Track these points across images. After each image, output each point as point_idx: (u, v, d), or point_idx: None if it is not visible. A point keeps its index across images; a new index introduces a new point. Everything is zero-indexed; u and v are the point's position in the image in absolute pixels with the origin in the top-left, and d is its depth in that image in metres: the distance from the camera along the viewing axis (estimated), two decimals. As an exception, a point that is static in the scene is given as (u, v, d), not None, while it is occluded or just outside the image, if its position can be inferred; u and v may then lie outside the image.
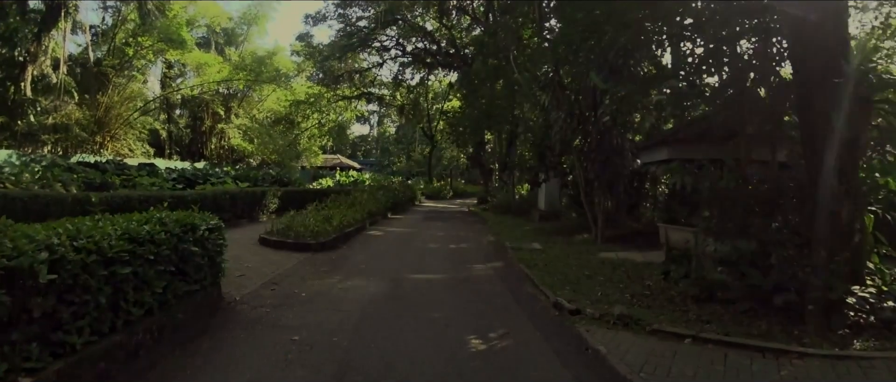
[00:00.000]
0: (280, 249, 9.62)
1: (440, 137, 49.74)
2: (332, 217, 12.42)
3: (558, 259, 9.71)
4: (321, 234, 10.42)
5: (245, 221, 13.98)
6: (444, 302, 6.29)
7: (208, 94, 44.07)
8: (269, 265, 8.13)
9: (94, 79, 35.43)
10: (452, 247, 11.56)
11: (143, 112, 39.55)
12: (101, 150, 35.33)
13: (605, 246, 11.76)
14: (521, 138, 24.50)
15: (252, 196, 14.47)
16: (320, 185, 34.19)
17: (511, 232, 14.49)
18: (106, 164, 21.13)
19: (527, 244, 12.08)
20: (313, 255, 9.31)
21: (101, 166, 20.28)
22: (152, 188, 15.48)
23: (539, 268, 8.71)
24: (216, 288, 5.72)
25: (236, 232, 11.76)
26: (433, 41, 34.60)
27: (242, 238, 10.83)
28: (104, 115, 35.64)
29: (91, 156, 27.28)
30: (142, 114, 39.36)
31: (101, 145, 35.96)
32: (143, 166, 21.18)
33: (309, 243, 9.74)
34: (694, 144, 9.31)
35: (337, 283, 7.08)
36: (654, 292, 6.99)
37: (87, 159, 23.76)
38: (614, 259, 9.74)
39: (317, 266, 8.27)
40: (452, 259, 9.71)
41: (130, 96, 37.68)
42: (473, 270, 8.68)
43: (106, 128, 36.26)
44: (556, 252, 10.69)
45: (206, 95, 44.50)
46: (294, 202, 17.26)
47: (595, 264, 9.26)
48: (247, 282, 6.87)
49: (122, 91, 36.52)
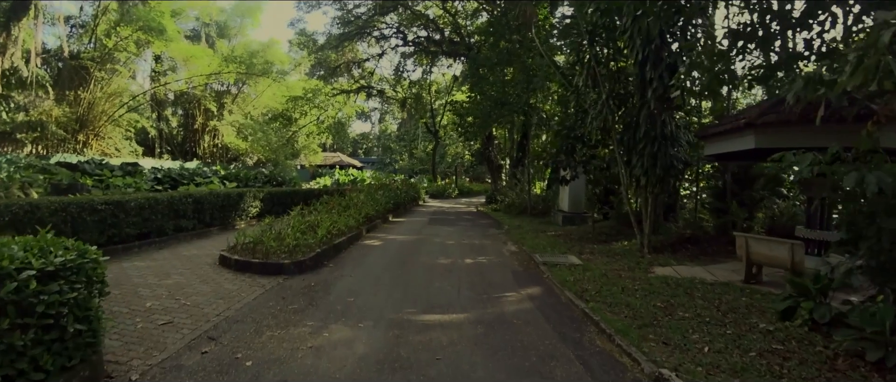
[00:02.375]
0: (243, 272, 7.24)
1: (444, 133, 47.41)
2: (318, 225, 10.07)
3: (609, 280, 7.41)
4: (300, 249, 8.03)
5: (216, 229, 11.61)
6: (474, 378, 3.92)
7: (199, 89, 41.76)
8: (218, 300, 5.76)
9: (75, 73, 33.18)
10: (469, 262, 9.17)
11: (130, 109, 37.29)
12: (85, 149, 33.17)
13: (655, 258, 9.49)
14: (535, 130, 22.06)
15: (226, 199, 12.09)
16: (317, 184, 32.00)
17: (534, 239, 12.11)
18: (85, 164, 19.56)
19: (559, 255, 9.72)
20: (285, 281, 6.91)
21: (80, 166, 18.69)
22: (128, 190, 13.41)
23: (593, 297, 6.38)
24: (88, 367, 3.35)
25: (196, 246, 9.42)
26: (436, 29, 32.09)
27: (199, 255, 8.46)
28: (86, 112, 33.40)
29: (73, 156, 25.44)
30: (129, 111, 37.12)
31: (85, 144, 33.78)
32: (126, 166, 19.46)
33: (282, 263, 7.35)
34: (797, 127, 6.92)
35: (308, 337, 4.69)
36: (787, 343, 4.64)
37: (69, 159, 22.11)
38: (678, 279, 7.56)
39: (286, 302, 5.88)
40: (472, 283, 7.32)
41: (115, 92, 35.41)
42: (504, 302, 6.27)
43: (89, 126, 34.03)
44: (601, 268, 8.38)
45: (197, 91, 42.20)
46: (281, 205, 14.94)
47: (659, 286, 7.02)
48: (170, 337, 4.50)
49: (106, 86, 34.25)
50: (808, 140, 6.89)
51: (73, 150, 31.46)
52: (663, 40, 9.43)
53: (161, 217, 9.37)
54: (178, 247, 9.23)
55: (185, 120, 46.63)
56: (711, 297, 6.50)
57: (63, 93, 32.69)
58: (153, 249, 8.89)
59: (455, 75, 36.16)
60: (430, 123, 42.22)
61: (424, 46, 33.13)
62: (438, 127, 43.22)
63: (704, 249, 10.58)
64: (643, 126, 9.63)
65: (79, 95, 32.74)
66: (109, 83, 34.33)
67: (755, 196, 12.78)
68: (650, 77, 9.46)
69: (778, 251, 7.17)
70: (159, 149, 44.73)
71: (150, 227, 9.08)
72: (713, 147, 9.12)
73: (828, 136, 6.93)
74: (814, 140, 6.81)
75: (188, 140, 46.41)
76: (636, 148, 10.02)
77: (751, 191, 12.70)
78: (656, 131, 9.55)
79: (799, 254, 6.86)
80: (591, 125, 10.60)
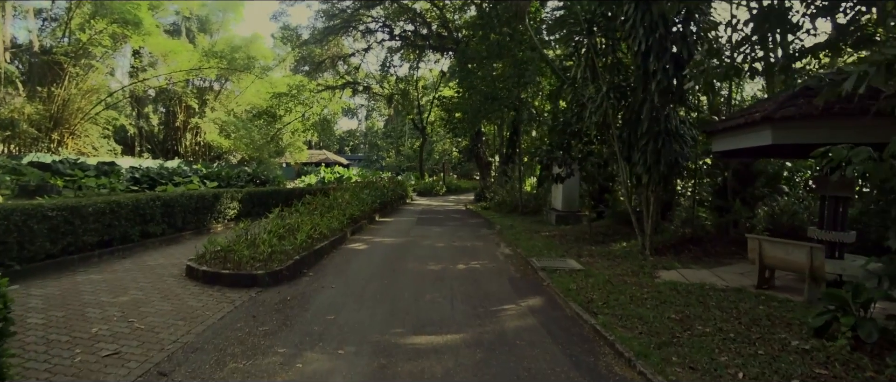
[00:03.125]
0: (211, 284, 6.49)
1: (431, 129, 46.64)
2: (299, 228, 9.35)
3: (614, 287, 6.84)
4: (276, 257, 7.29)
5: (189, 233, 10.80)
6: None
7: (180, 85, 40.55)
8: (177, 322, 5.03)
9: (47, 69, 31.85)
10: (461, 268, 8.51)
11: (108, 106, 36.02)
12: (60, 148, 31.95)
13: (657, 260, 8.97)
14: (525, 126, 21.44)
15: (200, 201, 11.28)
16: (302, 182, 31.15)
17: (529, 240, 11.49)
18: (59, 163, 18.75)
19: (557, 259, 9.11)
20: (258, 295, 6.19)
21: (54, 166, 17.73)
22: (101, 191, 12.65)
23: (601, 309, 5.78)
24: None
25: (164, 254, 8.65)
26: (424, 23, 31.26)
27: (165, 265, 7.70)
28: (61, 109, 32.11)
29: (47, 155, 24.43)
30: (107, 108, 35.86)
31: (60, 143, 32.53)
32: (102, 166, 18.84)
33: (255, 274, 6.62)
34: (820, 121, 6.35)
35: (279, 369, 3.97)
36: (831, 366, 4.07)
37: (43, 158, 21.24)
38: (687, 284, 7.03)
39: (256, 322, 5.17)
40: (466, 293, 6.66)
41: (92, 89, 34.13)
42: (504, 318, 5.62)
43: (64, 124, 32.76)
44: (604, 273, 7.81)
45: (178, 87, 40.98)
46: (262, 205, 14.15)
47: (669, 294, 6.48)
48: (113, 373, 3.77)
49: (82, 83, 32.97)
50: (831, 135, 6.32)
51: (48, 149, 30.28)
52: (667, 30, 8.84)
53: (125, 223, 8.57)
54: (143, 256, 8.44)
55: (166, 117, 45.37)
56: (727, 306, 5.93)
57: (35, 89, 31.39)
58: (115, 258, 8.09)
59: (443, 71, 35.42)
60: (418, 120, 41.47)
61: (411, 40, 32.29)
62: (426, 123, 42.48)
63: (707, 249, 10.06)
64: (646, 121, 9.04)
65: (52, 91, 31.48)
66: (85, 79, 33.07)
67: (757, 194, 12.29)
68: (653, 69, 8.85)
69: (795, 255, 6.62)
70: (139, 147, 43.45)
71: (112, 233, 8.28)
72: (722, 143, 8.54)
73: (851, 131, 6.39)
74: (835, 135, 6.24)
75: (169, 138, 45.17)
76: (638, 144, 9.44)
77: (752, 188, 12.20)
78: (659, 127, 8.97)
79: (819, 258, 6.31)
80: (590, 120, 9.97)
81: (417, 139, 48.58)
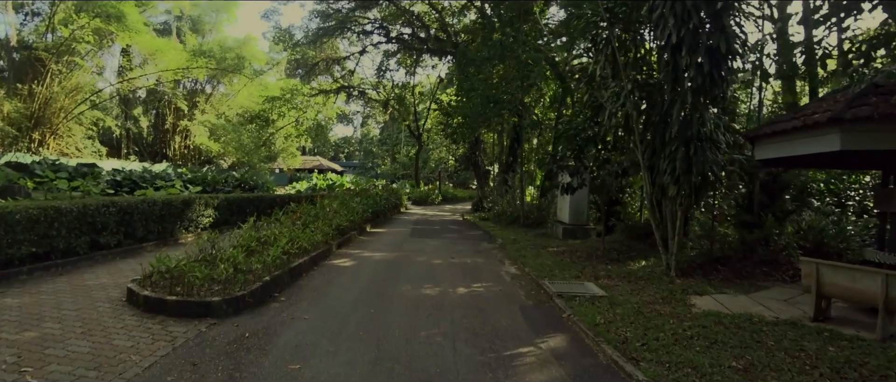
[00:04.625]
0: (153, 314, 5.20)
1: (427, 137, 45.51)
2: (274, 241, 8.09)
3: (648, 320, 5.69)
4: (240, 279, 6.00)
5: (152, 244, 9.49)
6: None
7: (168, 86, 39.23)
8: (88, 372, 3.72)
9: (28, 66, 30.48)
10: (462, 292, 7.25)
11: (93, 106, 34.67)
12: (41, 148, 30.56)
13: (685, 283, 7.83)
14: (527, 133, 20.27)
15: (166, 207, 9.96)
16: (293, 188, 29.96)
17: (536, 258, 10.25)
18: (34, 165, 17.70)
19: (574, 282, 7.89)
20: (210, 330, 4.89)
21: (31, 167, 16.69)
22: (74, 194, 11.53)
23: (640, 352, 4.61)
24: None
25: (112, 270, 7.32)
26: (422, 26, 30.12)
27: (106, 286, 6.39)
28: (42, 108, 30.72)
29: (27, 155, 23.18)
30: (92, 108, 34.50)
31: (42, 143, 31.12)
32: (82, 167, 17.95)
33: (209, 301, 5.32)
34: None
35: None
36: None
37: (23, 158, 20.08)
38: (730, 316, 5.87)
39: (196, 373, 3.88)
40: (471, 330, 5.39)
41: (76, 88, 32.75)
42: (521, 367, 4.35)
43: (46, 124, 31.36)
44: (631, 300, 6.64)
45: (167, 88, 39.65)
46: (243, 213, 12.87)
47: (715, 329, 5.35)
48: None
49: (65, 81, 31.61)
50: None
51: (28, 149, 28.92)
52: (701, 19, 7.70)
53: (68, 232, 7.27)
54: (85, 273, 7.11)
55: (155, 120, 44.01)
56: (790, 347, 4.77)
57: (14, 87, 30.02)
58: (49, 276, 6.77)
59: (440, 76, 34.33)
60: (414, 127, 40.32)
61: (408, 43, 31.15)
62: (422, 131, 41.33)
63: (736, 270, 8.86)
64: (675, 124, 7.84)
65: (33, 89, 30.12)
66: (69, 78, 31.73)
67: (786, 208, 11.10)
68: (686, 64, 7.70)
69: (864, 283, 5.45)
70: (126, 150, 42.03)
71: (50, 245, 6.97)
72: (769, 150, 7.37)
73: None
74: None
75: (159, 141, 43.77)
76: (664, 151, 8.26)
77: (781, 202, 11.01)
78: (692, 131, 7.77)
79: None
80: (609, 123, 8.76)
81: (413, 147, 47.46)
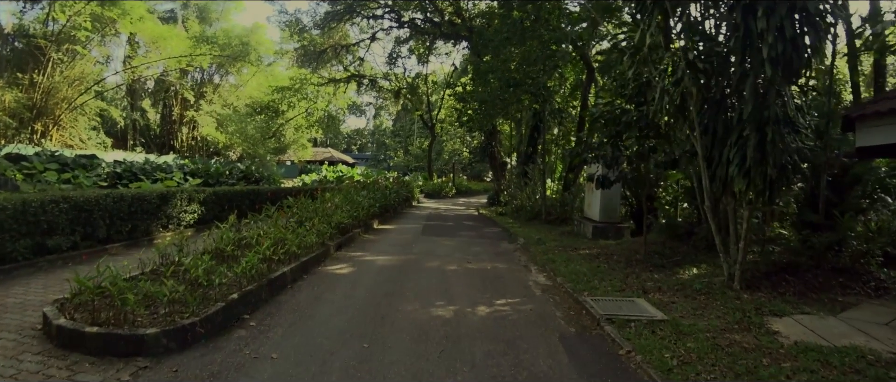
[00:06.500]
0: (68, 351, 3.79)
1: (440, 128, 44.03)
2: (256, 243, 6.69)
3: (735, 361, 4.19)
4: (193, 300, 4.57)
5: (120, 246, 8.12)
6: None
7: (175, 75, 38.18)
8: None
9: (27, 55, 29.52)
10: (483, 314, 5.75)
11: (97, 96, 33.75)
12: (43, 140, 29.69)
13: (754, 298, 6.27)
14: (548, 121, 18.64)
15: (136, 203, 8.58)
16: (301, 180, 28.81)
17: (567, 263, 8.69)
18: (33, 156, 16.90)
19: (621, 298, 6.37)
20: (136, 377, 3.50)
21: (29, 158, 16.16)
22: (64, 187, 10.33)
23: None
24: None
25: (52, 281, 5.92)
26: (436, 10, 28.49)
27: (31, 305, 5.00)
28: (43, 98, 29.79)
29: (29, 147, 22.26)
30: (96, 97, 33.58)
31: (44, 134, 30.25)
32: (80, 159, 16.94)
33: (143, 335, 3.89)
34: None
35: None
36: None
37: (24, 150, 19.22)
38: (831, 350, 4.40)
39: None
40: (498, 378, 3.92)
41: (79, 77, 31.78)
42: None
43: (48, 114, 30.46)
44: (699, 326, 5.17)
45: (173, 78, 38.62)
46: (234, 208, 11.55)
47: (824, 374, 3.89)
48: None
49: (67, 70, 30.65)
50: None
51: (30, 140, 28.05)
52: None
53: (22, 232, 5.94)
54: (13, 286, 5.69)
55: (163, 110, 43.08)
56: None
57: (14, 76, 29.11)
58: (-34, 289, 5.44)
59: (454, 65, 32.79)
60: (427, 117, 38.83)
61: (420, 28, 29.57)
62: (435, 121, 39.84)
63: (807, 281, 7.23)
64: (750, 103, 6.23)
65: (34, 78, 29.18)
66: (72, 67, 30.77)
67: (860, 206, 9.38)
68: (761, 29, 6.06)
69: None
70: (133, 141, 41.16)
71: (-23, 250, 5.66)
72: (878, 135, 5.75)
73: None
74: None
75: (166, 132, 42.86)
76: (730, 137, 6.68)
77: (852, 199, 9.29)
78: (770, 112, 6.16)
79: None
80: (661, 103, 7.19)
81: (426, 138, 46.03)
